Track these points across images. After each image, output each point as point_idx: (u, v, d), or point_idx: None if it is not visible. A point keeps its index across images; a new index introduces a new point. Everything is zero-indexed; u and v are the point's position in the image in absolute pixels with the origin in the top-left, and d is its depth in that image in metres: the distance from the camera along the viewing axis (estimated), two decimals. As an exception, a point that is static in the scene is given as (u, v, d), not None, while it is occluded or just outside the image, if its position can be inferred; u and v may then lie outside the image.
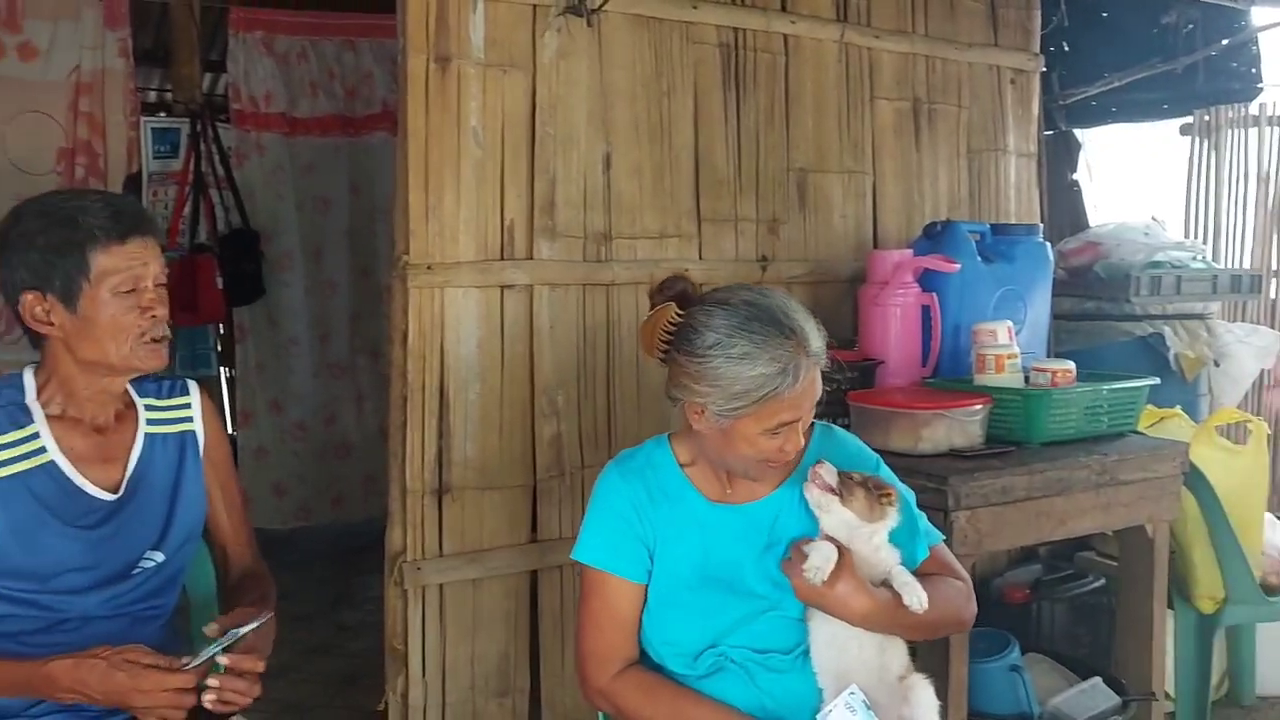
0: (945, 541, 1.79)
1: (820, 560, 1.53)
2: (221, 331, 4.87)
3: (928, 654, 2.21)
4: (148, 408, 1.79)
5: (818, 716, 1.56)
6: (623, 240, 2.72)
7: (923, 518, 1.75)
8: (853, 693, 1.53)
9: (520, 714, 2.63)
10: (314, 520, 4.86)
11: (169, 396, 1.82)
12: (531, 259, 2.58)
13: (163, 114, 4.73)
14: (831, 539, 1.58)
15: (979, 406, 2.41)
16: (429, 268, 2.43)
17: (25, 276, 1.62)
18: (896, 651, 1.63)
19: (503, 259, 2.54)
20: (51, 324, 1.63)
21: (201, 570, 1.94)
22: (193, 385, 1.86)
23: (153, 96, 5.36)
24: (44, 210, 1.63)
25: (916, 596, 1.57)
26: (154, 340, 1.66)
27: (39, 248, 1.60)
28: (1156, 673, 2.61)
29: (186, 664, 1.53)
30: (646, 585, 1.68)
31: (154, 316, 1.65)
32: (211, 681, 1.51)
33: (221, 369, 5.07)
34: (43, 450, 1.65)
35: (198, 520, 1.82)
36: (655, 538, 1.67)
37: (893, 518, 1.61)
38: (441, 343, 2.47)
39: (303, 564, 4.62)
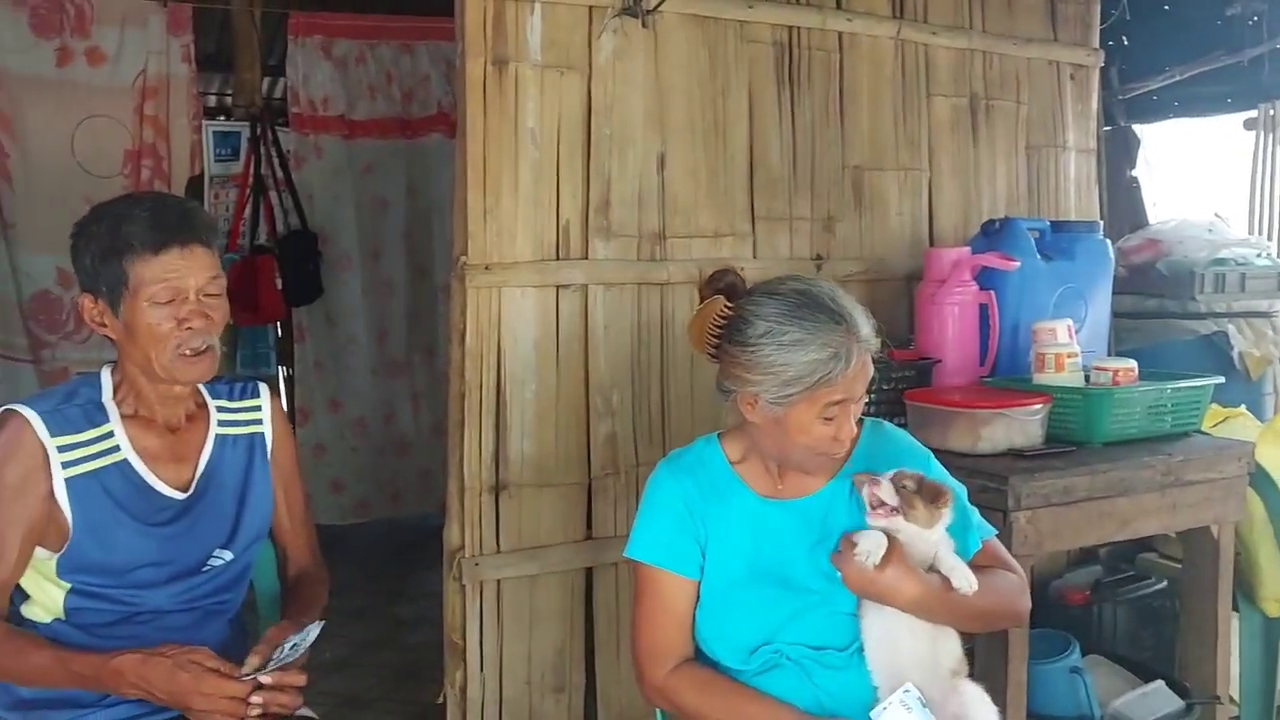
0: (1004, 542, 1.78)
1: (871, 545, 1.53)
2: (280, 332, 4.96)
3: (986, 655, 2.19)
4: (219, 409, 1.83)
5: (872, 713, 1.55)
6: (677, 239, 2.72)
7: (974, 512, 1.74)
8: (908, 690, 1.53)
9: (575, 710, 2.65)
10: (371, 516, 4.94)
11: (240, 398, 1.86)
12: (587, 259, 2.60)
13: (223, 118, 4.82)
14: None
15: (1039, 406, 2.38)
16: (487, 268, 2.46)
17: (83, 279, 1.68)
18: (949, 645, 1.62)
19: (559, 259, 2.56)
20: (105, 325, 1.68)
21: (267, 570, 1.98)
22: (263, 387, 1.90)
23: (213, 101, 5.46)
24: (99, 216, 1.67)
25: (965, 579, 1.56)
26: (192, 352, 1.67)
27: (90, 253, 1.65)
28: (1221, 676, 2.56)
29: (243, 675, 1.56)
30: (700, 582, 1.68)
31: (190, 329, 1.65)
32: (255, 698, 1.55)
33: (281, 368, 5.15)
34: (117, 449, 1.69)
35: (265, 520, 1.86)
36: (707, 534, 1.68)
37: (948, 516, 1.60)
38: (499, 341, 2.49)
39: (360, 559, 4.70)
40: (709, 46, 2.77)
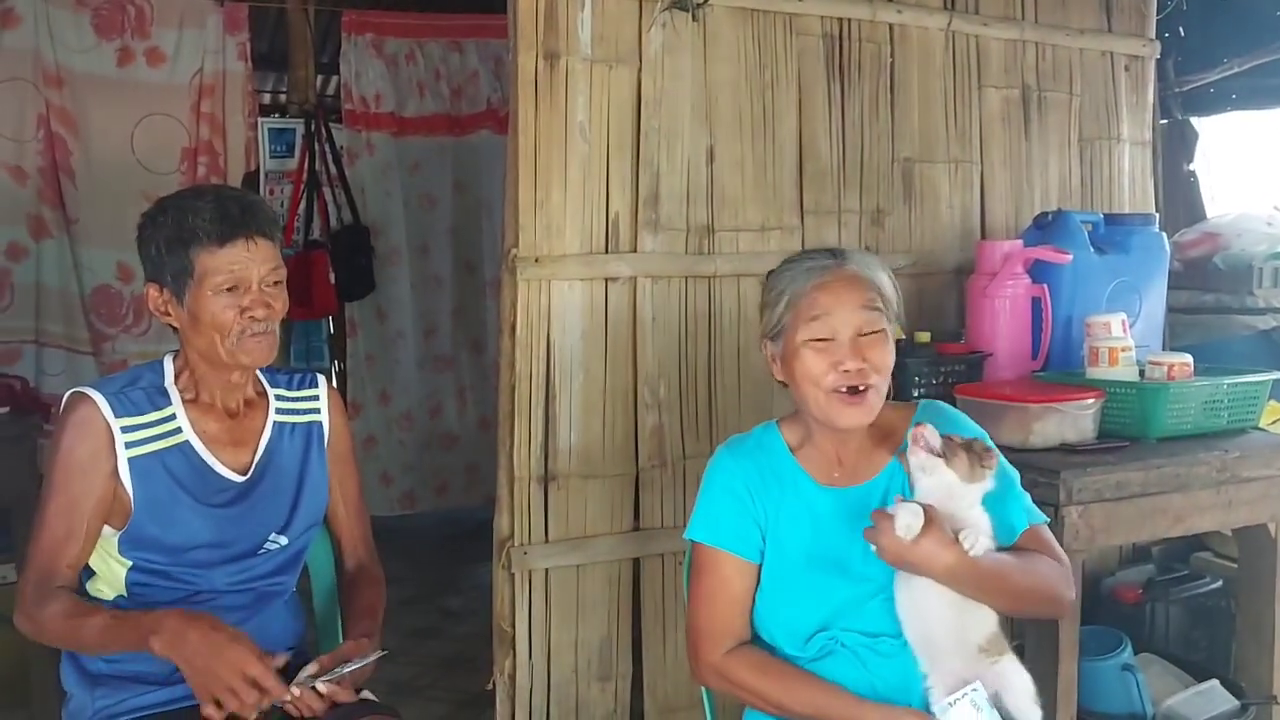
0: (1055, 536, 1.76)
1: (910, 517, 1.51)
2: (333, 326, 5.04)
3: (1037, 650, 2.18)
4: (278, 397, 1.87)
5: (935, 708, 1.55)
6: (725, 233, 2.73)
7: (1026, 497, 1.73)
8: (976, 689, 1.53)
9: (622, 699, 2.67)
10: (419, 508, 5.00)
11: (299, 388, 1.91)
12: (635, 252, 2.61)
13: (278, 115, 4.90)
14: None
15: (1092, 400, 2.35)
16: (536, 260, 2.49)
17: (149, 269, 1.73)
18: (978, 617, 1.59)
19: (607, 252, 2.58)
20: (169, 314, 1.73)
21: (322, 559, 2.03)
22: (321, 379, 1.94)
23: (268, 99, 5.55)
24: (165, 207, 1.72)
25: (973, 538, 1.51)
26: (254, 335, 1.71)
27: (157, 243, 1.70)
28: (1278, 676, 2.52)
29: (300, 679, 1.60)
30: (760, 565, 1.69)
31: (253, 317, 1.70)
32: (293, 690, 1.58)
33: (335, 362, 5.23)
34: (179, 431, 1.74)
35: (320, 507, 1.90)
36: (767, 519, 1.69)
37: (990, 480, 1.57)
38: (548, 333, 2.52)
39: (409, 550, 4.76)
40: (758, 39, 2.77)
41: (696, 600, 1.71)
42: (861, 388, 1.61)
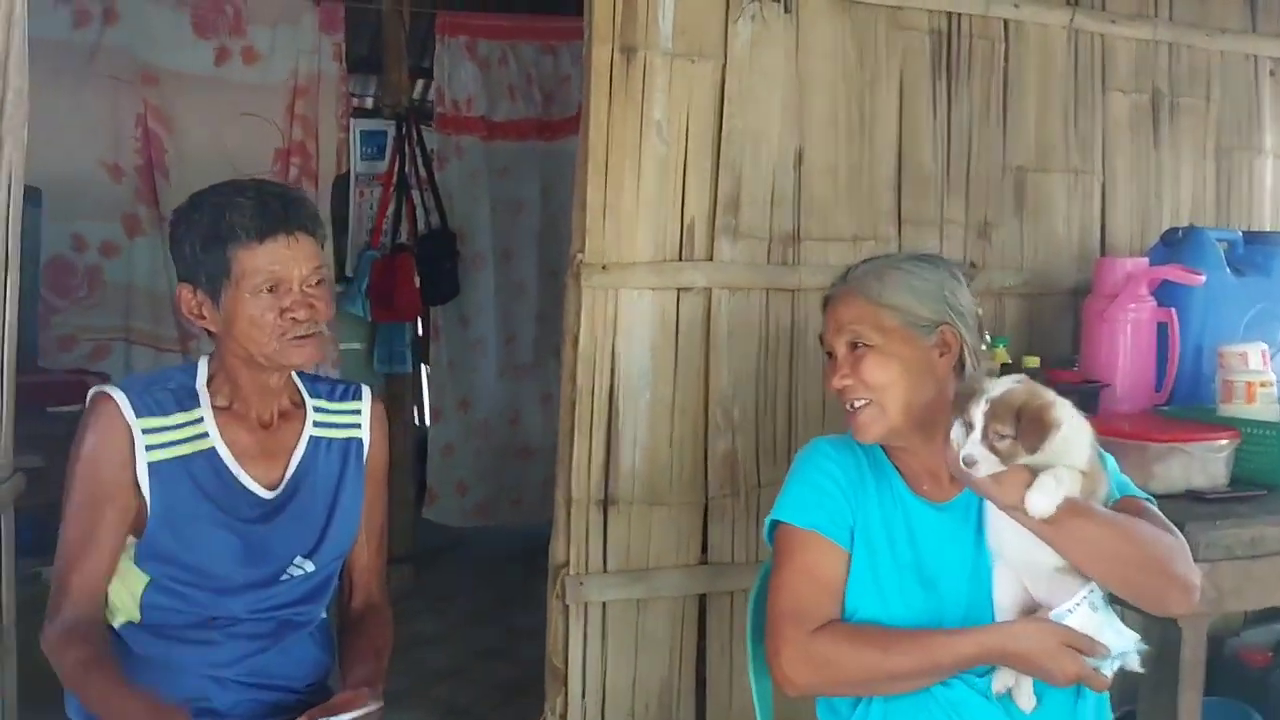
0: None
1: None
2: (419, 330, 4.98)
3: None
4: (317, 409, 1.74)
5: (1054, 614, 1.44)
6: (812, 242, 2.52)
7: (1130, 483, 1.66)
8: (1093, 590, 1.45)
9: (683, 747, 2.47)
10: (492, 520, 4.87)
11: (341, 400, 1.77)
12: (711, 260, 2.42)
13: (370, 118, 4.88)
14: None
15: (1224, 441, 2.07)
16: (603, 267, 2.32)
17: (181, 269, 1.61)
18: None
19: (681, 259, 2.40)
20: (204, 317, 1.61)
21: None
22: (366, 391, 1.80)
23: (357, 102, 5.55)
24: (199, 203, 1.60)
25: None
26: (300, 337, 1.60)
27: (190, 242, 1.58)
28: None
29: None
30: (851, 556, 1.58)
31: (294, 319, 1.58)
32: None
33: (423, 366, 5.18)
34: (205, 436, 1.62)
35: (352, 533, 1.76)
36: (858, 514, 1.60)
37: (1057, 442, 1.41)
38: (613, 346, 2.35)
39: (480, 564, 4.66)
40: (857, 35, 2.56)
41: (779, 584, 1.58)
42: (851, 406, 1.59)
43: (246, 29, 4.39)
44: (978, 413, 1.42)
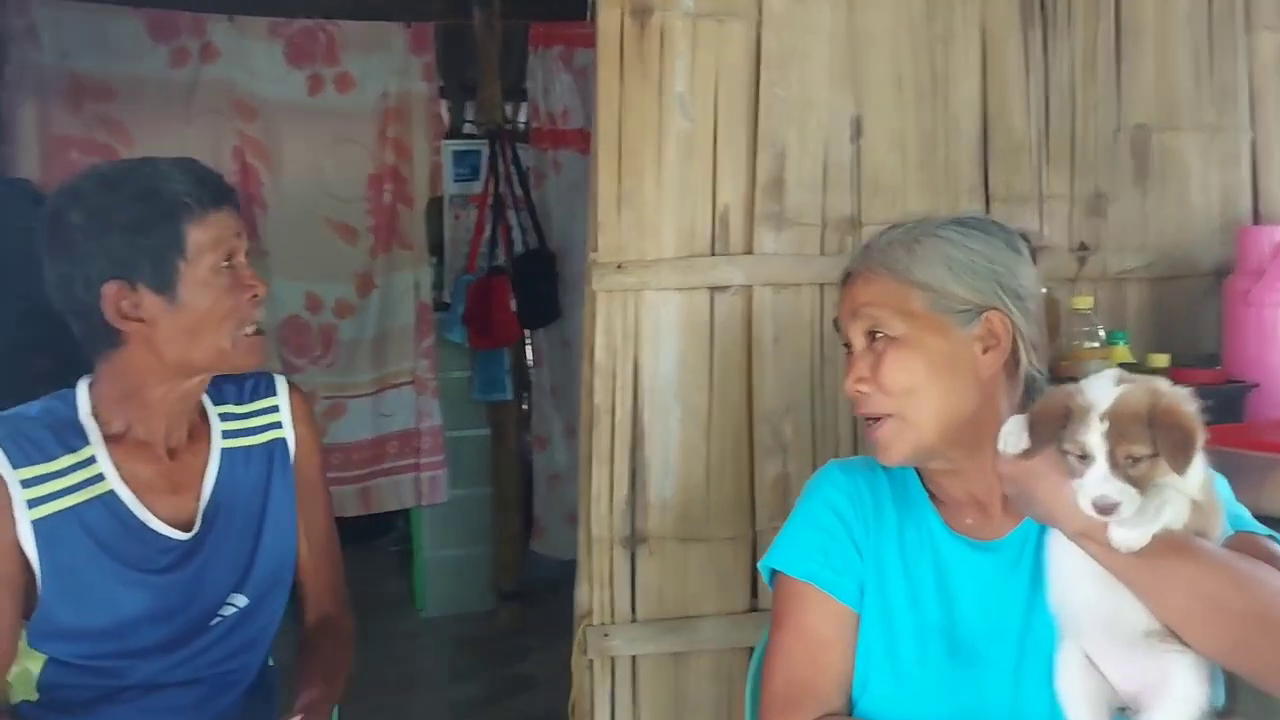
0: None
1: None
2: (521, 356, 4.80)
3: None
4: (224, 417, 1.50)
5: None
6: (876, 228, 2.10)
7: (1248, 515, 1.23)
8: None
9: (736, 827, 2.10)
10: (602, 553, 4.61)
11: (251, 399, 1.54)
12: (751, 254, 2.06)
13: (463, 137, 4.76)
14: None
15: None
16: (619, 266, 2.02)
17: (104, 266, 1.33)
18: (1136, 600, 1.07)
19: (714, 254, 2.05)
20: (140, 319, 1.35)
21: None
22: (280, 381, 1.56)
23: (449, 122, 5.45)
24: (111, 184, 1.34)
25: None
26: (254, 332, 1.41)
27: (118, 228, 1.32)
28: None
29: None
30: (858, 615, 1.27)
31: (255, 296, 1.39)
32: None
33: (525, 394, 4.99)
34: (100, 478, 1.38)
35: (289, 547, 1.52)
36: (869, 563, 1.28)
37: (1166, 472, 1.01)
38: (635, 358, 2.04)
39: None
40: (924, -20, 2.17)
41: (772, 652, 1.29)
42: (870, 419, 1.25)
43: (340, 56, 4.37)
44: (1092, 434, 1.01)
